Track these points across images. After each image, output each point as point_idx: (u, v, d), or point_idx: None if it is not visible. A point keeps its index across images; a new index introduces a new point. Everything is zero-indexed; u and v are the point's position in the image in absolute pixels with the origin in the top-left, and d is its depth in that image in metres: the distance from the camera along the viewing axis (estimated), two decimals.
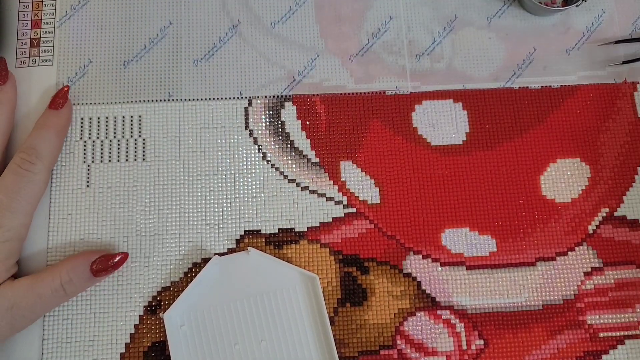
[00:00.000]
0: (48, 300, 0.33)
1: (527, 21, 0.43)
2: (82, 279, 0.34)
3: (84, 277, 0.34)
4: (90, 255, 0.35)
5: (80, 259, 0.34)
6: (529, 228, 0.39)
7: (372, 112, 0.40)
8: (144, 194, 0.38)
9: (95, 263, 0.34)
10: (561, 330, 0.37)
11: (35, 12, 0.41)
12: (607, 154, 0.40)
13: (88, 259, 0.34)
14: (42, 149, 0.35)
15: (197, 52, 0.41)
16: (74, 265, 0.34)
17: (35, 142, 0.35)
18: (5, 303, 0.32)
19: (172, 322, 0.35)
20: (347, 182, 0.39)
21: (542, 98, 0.41)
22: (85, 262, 0.34)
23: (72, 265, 0.34)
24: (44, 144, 0.35)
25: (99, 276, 0.34)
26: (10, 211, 0.33)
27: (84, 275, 0.34)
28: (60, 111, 0.37)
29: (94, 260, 0.34)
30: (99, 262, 0.34)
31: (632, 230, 0.39)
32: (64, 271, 0.33)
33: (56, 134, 0.36)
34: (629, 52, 0.42)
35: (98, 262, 0.34)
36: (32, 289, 0.33)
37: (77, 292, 0.35)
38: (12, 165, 0.34)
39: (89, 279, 0.34)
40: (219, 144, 0.39)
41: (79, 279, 0.34)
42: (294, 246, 0.38)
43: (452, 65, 0.42)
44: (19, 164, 0.34)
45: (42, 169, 0.34)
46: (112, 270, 0.35)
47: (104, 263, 0.34)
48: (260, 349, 0.35)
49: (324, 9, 0.42)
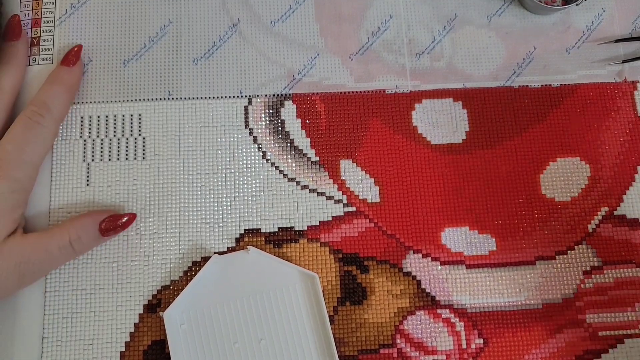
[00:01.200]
0: (57, 257, 0.34)
1: (527, 20, 0.43)
2: (91, 238, 0.35)
3: (92, 235, 0.35)
4: (99, 214, 0.35)
5: (88, 217, 0.35)
6: (529, 227, 0.39)
7: (372, 111, 0.40)
8: (144, 193, 0.38)
9: (103, 222, 0.35)
10: (561, 329, 0.37)
11: (35, 11, 0.41)
12: (607, 153, 0.40)
13: (97, 218, 0.35)
14: (52, 104, 0.35)
15: (197, 50, 0.41)
16: (83, 224, 0.34)
17: (45, 97, 0.35)
18: (15, 258, 0.32)
19: (171, 320, 0.35)
20: (347, 180, 0.39)
21: (542, 97, 0.41)
22: (94, 221, 0.35)
23: (81, 224, 0.34)
24: (54, 99, 0.35)
25: (107, 235, 0.35)
26: (18, 162, 0.33)
27: (93, 233, 0.34)
28: (72, 68, 0.37)
29: (103, 220, 0.35)
30: (108, 222, 0.35)
31: (631, 229, 0.39)
32: (73, 229, 0.34)
33: (67, 90, 0.36)
34: (629, 50, 0.42)
35: (107, 221, 0.35)
36: (41, 245, 0.33)
37: (85, 250, 0.35)
38: (22, 117, 0.34)
39: (97, 237, 0.35)
40: (218, 142, 0.39)
41: (88, 237, 0.34)
42: (294, 245, 0.38)
43: (452, 64, 0.42)
44: (29, 115, 0.34)
45: (51, 123, 0.35)
46: (120, 229, 0.35)
47: (112, 222, 0.35)
48: (260, 347, 0.35)
49: (324, 8, 0.42)
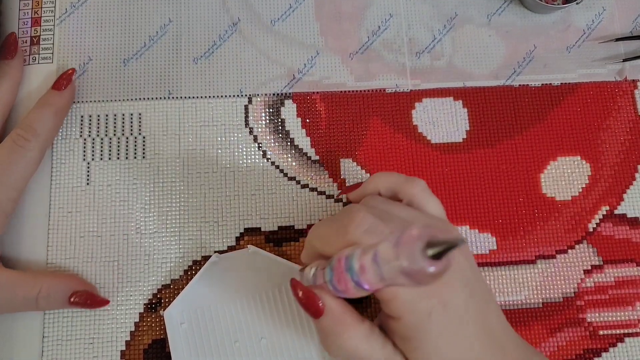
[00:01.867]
0: (18, 305, 0.33)
1: (527, 19, 0.43)
2: (58, 301, 0.33)
3: (60, 300, 0.33)
4: (75, 283, 0.34)
5: (65, 281, 0.34)
6: (529, 226, 0.39)
7: (372, 110, 0.40)
8: (144, 192, 0.38)
9: (75, 295, 0.34)
10: (561, 328, 0.37)
11: (35, 10, 0.40)
12: (607, 152, 0.40)
13: (72, 286, 0.34)
14: (39, 127, 0.35)
15: (197, 49, 0.41)
16: (57, 284, 0.33)
17: (32, 120, 0.35)
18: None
19: (172, 319, 0.35)
20: (347, 179, 0.39)
21: (542, 96, 0.41)
22: (68, 288, 0.34)
23: (55, 284, 0.33)
24: (41, 123, 0.35)
25: (73, 307, 0.34)
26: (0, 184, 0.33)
27: (61, 299, 0.33)
28: (62, 92, 0.37)
29: (75, 292, 0.34)
30: (79, 296, 0.34)
31: (632, 228, 0.39)
32: (46, 285, 0.33)
33: (55, 114, 0.36)
34: (630, 49, 0.42)
35: (78, 295, 0.34)
36: (10, 284, 0.33)
37: (49, 309, 0.34)
38: (7, 141, 0.34)
39: (63, 303, 0.34)
40: (218, 141, 0.39)
41: (55, 299, 0.33)
42: (294, 244, 0.38)
43: (452, 63, 0.42)
44: (14, 139, 0.34)
45: (36, 147, 0.35)
46: (87, 308, 0.34)
47: (83, 298, 0.34)
48: (260, 346, 0.35)
49: (324, 7, 0.42)
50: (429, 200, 0.30)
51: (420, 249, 0.22)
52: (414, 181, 0.30)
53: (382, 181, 0.31)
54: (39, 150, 0.35)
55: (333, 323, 0.28)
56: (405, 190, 0.30)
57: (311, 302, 0.28)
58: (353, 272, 0.25)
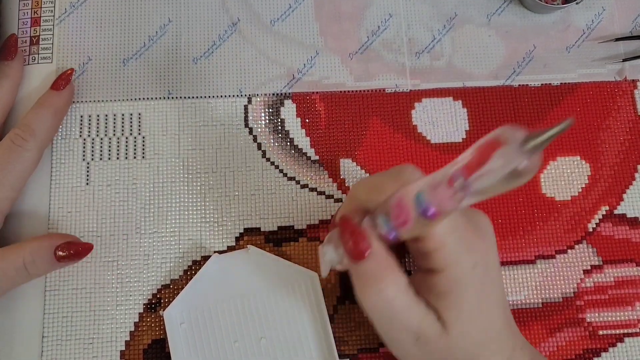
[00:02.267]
0: (13, 278, 0.33)
1: (527, 19, 0.43)
2: (45, 263, 0.33)
3: (47, 260, 0.33)
4: (56, 239, 0.34)
5: (45, 241, 0.34)
6: (529, 226, 0.39)
7: (372, 110, 0.40)
8: (144, 192, 0.38)
9: (59, 248, 0.33)
10: (561, 328, 0.37)
11: (34, 10, 0.40)
12: (607, 152, 0.40)
13: (53, 242, 0.34)
14: (37, 127, 0.35)
15: (197, 49, 0.41)
16: (39, 247, 0.33)
17: (31, 120, 0.35)
18: None
19: (172, 319, 0.35)
20: (347, 179, 0.39)
21: (542, 96, 0.41)
22: (50, 245, 0.33)
23: (37, 247, 0.33)
24: (39, 123, 0.35)
25: (62, 262, 0.34)
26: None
27: (48, 258, 0.33)
28: (61, 92, 0.37)
29: (58, 246, 0.34)
30: (62, 248, 0.34)
31: (632, 228, 0.39)
32: (28, 252, 0.33)
33: (53, 114, 0.36)
34: (629, 49, 0.42)
35: (62, 247, 0.34)
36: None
37: (41, 274, 0.34)
38: (5, 140, 0.35)
39: (52, 263, 0.34)
40: (218, 141, 0.39)
41: (42, 261, 0.33)
42: (294, 244, 0.38)
43: (451, 63, 0.42)
44: (12, 139, 0.34)
45: (34, 147, 0.35)
46: (76, 258, 0.34)
47: (67, 250, 0.34)
48: (260, 346, 0.35)
49: (324, 7, 0.42)
50: None
51: (518, 144, 0.21)
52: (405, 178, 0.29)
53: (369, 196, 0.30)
54: (37, 149, 0.35)
55: (377, 266, 0.27)
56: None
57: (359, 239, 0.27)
58: (421, 200, 0.24)
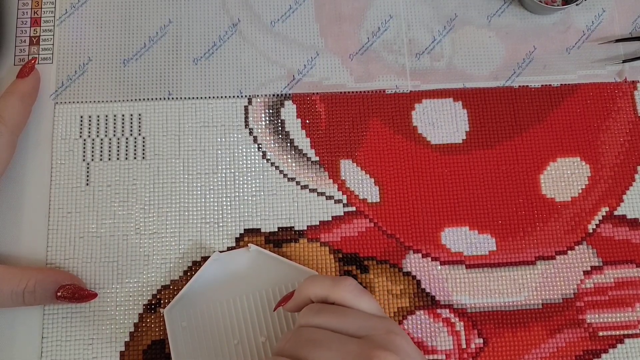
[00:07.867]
0: (5, 300, 0.33)
1: (527, 20, 0.43)
2: (44, 296, 0.33)
3: (47, 294, 0.33)
4: (63, 277, 0.34)
5: (51, 276, 0.34)
6: (529, 227, 0.39)
7: (372, 111, 0.40)
8: (144, 193, 0.38)
9: (62, 289, 0.34)
10: (561, 329, 0.37)
11: (34, 10, 0.41)
12: (607, 153, 0.40)
13: (59, 280, 0.34)
14: (6, 114, 0.36)
15: (197, 50, 0.41)
16: (44, 279, 0.33)
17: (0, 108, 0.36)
18: None
19: (172, 319, 0.35)
20: (347, 180, 0.39)
21: (542, 97, 0.41)
22: (56, 281, 0.34)
23: (42, 278, 0.33)
24: (7, 109, 0.36)
25: (60, 301, 0.34)
26: None
27: (49, 294, 0.33)
28: (26, 79, 0.38)
29: (63, 286, 0.34)
30: (66, 290, 0.34)
31: (631, 230, 0.39)
32: (32, 280, 0.33)
33: (20, 100, 0.37)
34: (629, 50, 0.42)
35: (65, 289, 0.34)
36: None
37: (35, 304, 0.34)
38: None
39: (50, 298, 0.34)
40: (218, 142, 0.39)
41: (42, 294, 0.33)
42: (294, 245, 0.38)
43: (452, 64, 0.42)
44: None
45: (5, 132, 0.35)
46: (75, 302, 0.34)
47: (70, 292, 0.34)
48: (260, 345, 0.35)
49: (324, 8, 0.42)
50: (360, 300, 0.30)
51: None
52: (341, 284, 0.30)
53: (311, 289, 0.31)
54: (8, 135, 0.35)
55: None
56: (334, 295, 0.30)
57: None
58: None
